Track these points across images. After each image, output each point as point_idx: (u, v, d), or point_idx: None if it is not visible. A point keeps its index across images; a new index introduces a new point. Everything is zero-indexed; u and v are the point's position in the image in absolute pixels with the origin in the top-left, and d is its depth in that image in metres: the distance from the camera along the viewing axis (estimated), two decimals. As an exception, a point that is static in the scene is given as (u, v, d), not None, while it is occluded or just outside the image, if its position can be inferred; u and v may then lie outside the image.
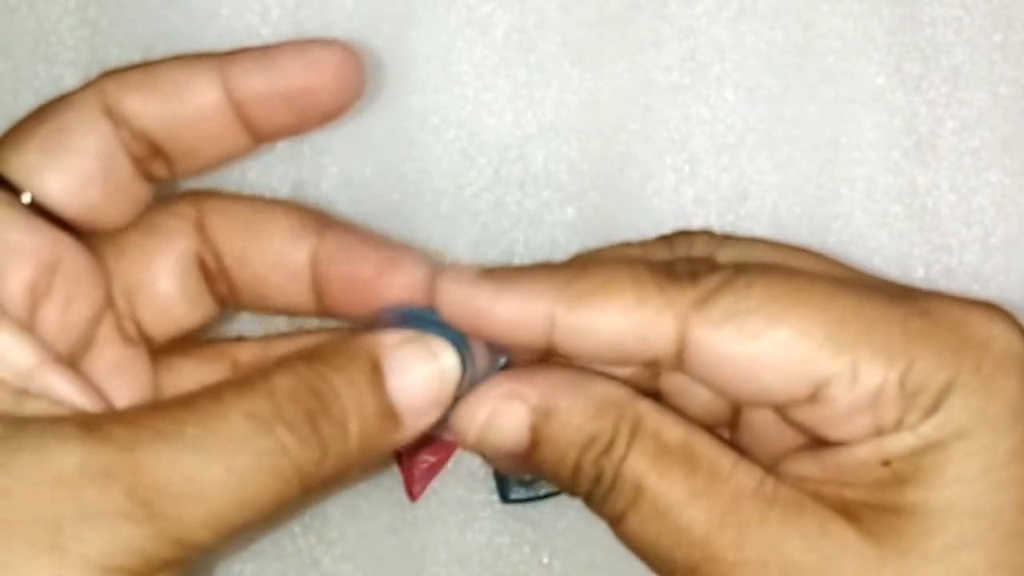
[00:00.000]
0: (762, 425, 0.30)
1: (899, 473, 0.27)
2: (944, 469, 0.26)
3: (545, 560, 0.37)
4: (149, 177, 0.31)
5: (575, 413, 0.28)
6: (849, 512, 0.27)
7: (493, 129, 0.38)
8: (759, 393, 0.27)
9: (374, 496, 0.37)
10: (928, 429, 0.26)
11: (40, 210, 0.29)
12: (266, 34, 0.38)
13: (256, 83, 0.30)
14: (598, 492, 0.28)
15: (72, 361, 0.30)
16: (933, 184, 0.38)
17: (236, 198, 0.32)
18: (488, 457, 0.31)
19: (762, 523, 0.27)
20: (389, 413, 0.28)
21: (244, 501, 0.26)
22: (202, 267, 0.32)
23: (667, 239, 0.32)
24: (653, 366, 0.29)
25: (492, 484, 0.37)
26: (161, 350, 0.32)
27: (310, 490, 0.27)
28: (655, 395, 0.31)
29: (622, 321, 0.27)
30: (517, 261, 0.37)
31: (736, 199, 0.37)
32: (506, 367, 0.30)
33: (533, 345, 0.28)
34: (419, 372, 0.28)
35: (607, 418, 0.28)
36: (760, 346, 0.27)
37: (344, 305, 0.31)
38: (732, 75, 0.38)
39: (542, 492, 0.36)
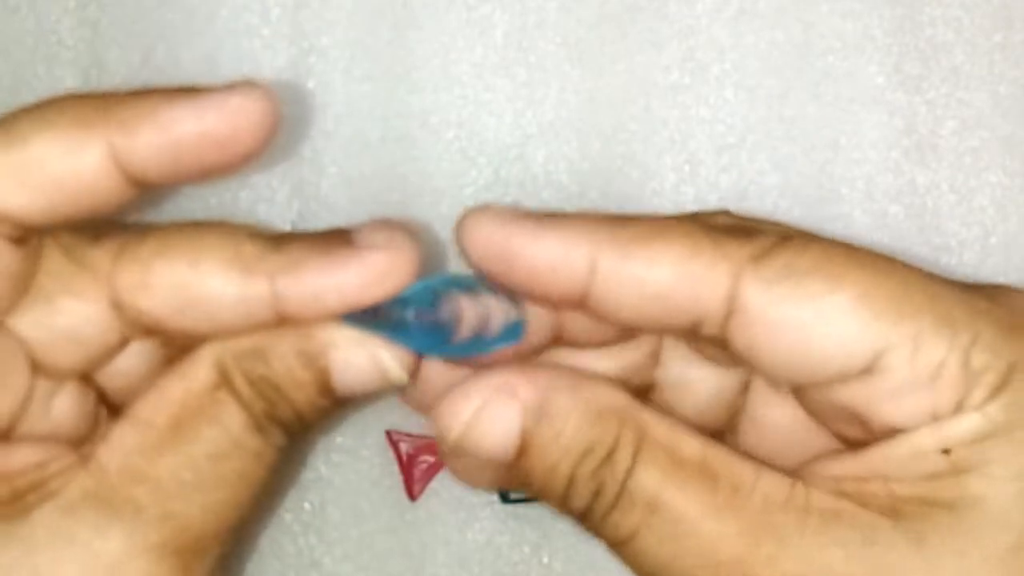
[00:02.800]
0: (768, 426, 0.28)
1: (960, 463, 0.24)
2: (1013, 458, 0.24)
3: (545, 560, 0.37)
4: None
5: (573, 417, 0.26)
6: (898, 511, 0.25)
7: (493, 129, 0.38)
8: (812, 362, 0.25)
9: (374, 496, 0.37)
10: (996, 410, 0.24)
11: None
12: (266, 34, 0.38)
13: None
14: (598, 509, 0.26)
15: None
16: (933, 184, 0.38)
17: (156, 268, 0.28)
18: (463, 471, 0.28)
19: (798, 535, 0.25)
20: (339, 402, 0.28)
21: (255, 498, 0.28)
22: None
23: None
24: (691, 333, 0.26)
25: (492, 484, 0.37)
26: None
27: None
28: (648, 388, 0.29)
29: (672, 273, 0.25)
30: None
31: (736, 199, 0.37)
32: (518, 336, 0.28)
33: (567, 295, 0.26)
34: (364, 380, 0.27)
35: (608, 425, 0.26)
36: (819, 308, 0.24)
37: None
38: (732, 75, 0.38)
39: (542, 492, 0.36)
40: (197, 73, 0.37)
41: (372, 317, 0.27)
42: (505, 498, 0.36)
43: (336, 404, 0.28)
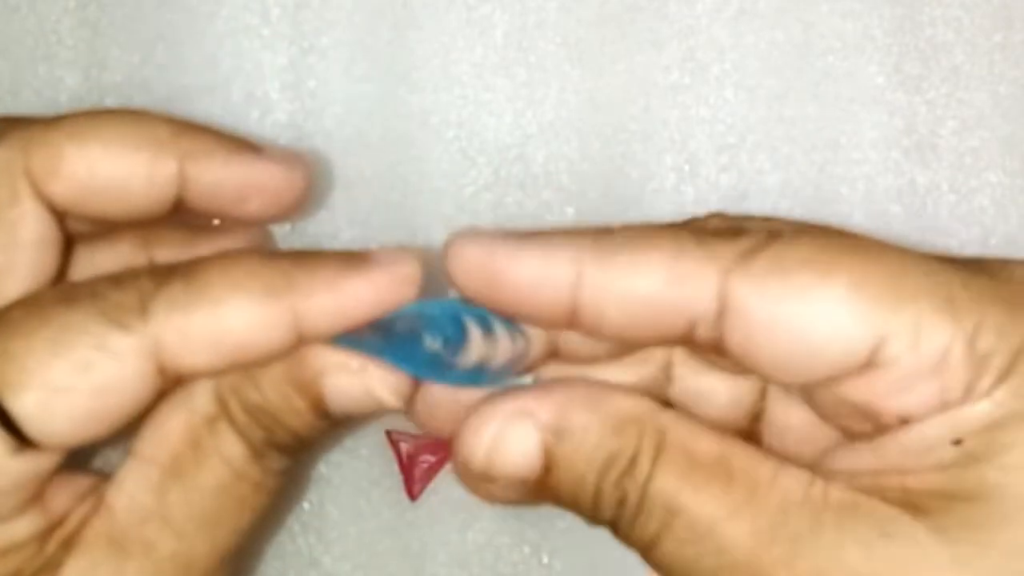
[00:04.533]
0: (787, 428, 0.28)
1: (973, 452, 0.23)
2: None
3: (545, 560, 0.37)
4: None
5: (592, 430, 0.25)
6: (915, 505, 0.24)
7: (493, 129, 0.38)
8: (810, 358, 0.24)
9: (374, 496, 0.37)
10: (1005, 395, 0.23)
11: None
12: (266, 34, 0.38)
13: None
14: (624, 517, 0.25)
15: None
16: (933, 184, 0.38)
17: (71, 155, 0.28)
18: (491, 495, 0.28)
19: (814, 533, 0.24)
20: (337, 422, 0.28)
21: (257, 522, 0.29)
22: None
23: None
24: (687, 340, 0.26)
25: (492, 484, 0.37)
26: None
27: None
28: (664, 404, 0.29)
29: (659, 276, 0.24)
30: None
31: (736, 199, 0.37)
32: (526, 366, 0.28)
33: (554, 314, 0.26)
34: (359, 405, 0.28)
35: (628, 434, 0.25)
36: (811, 300, 0.24)
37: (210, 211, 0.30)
38: (732, 75, 0.38)
39: (542, 492, 0.36)
40: (197, 73, 0.37)
41: (373, 335, 0.27)
42: (505, 498, 0.36)
43: (335, 423, 0.28)
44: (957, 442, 0.24)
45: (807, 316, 0.24)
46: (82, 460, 0.33)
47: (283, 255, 0.28)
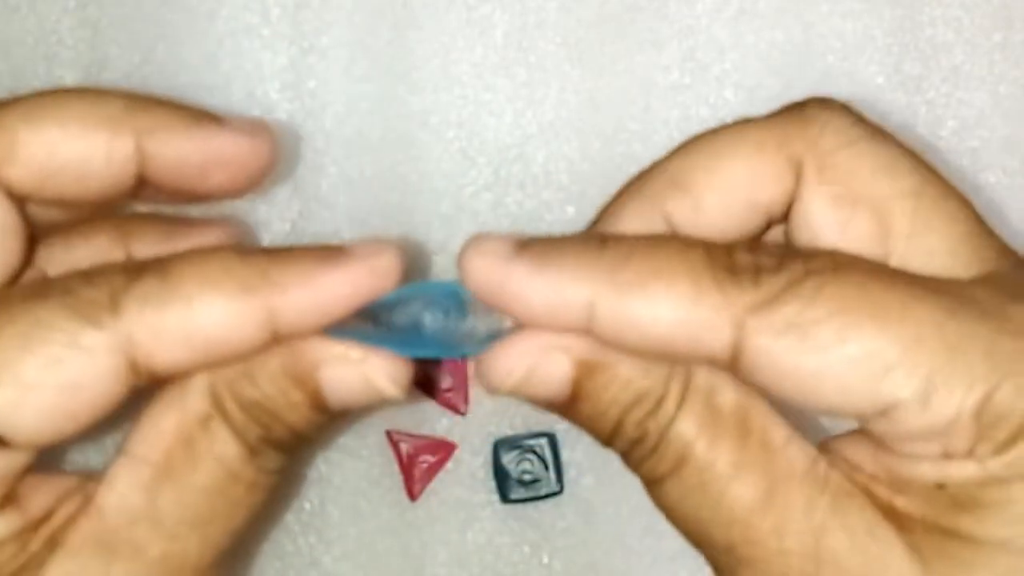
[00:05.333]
0: None
1: (955, 498, 0.24)
2: (1006, 507, 0.24)
3: (545, 560, 0.37)
4: None
5: (623, 367, 0.26)
6: (899, 520, 0.25)
7: (493, 129, 0.38)
8: (821, 407, 0.25)
9: (374, 496, 0.37)
10: (996, 465, 0.24)
11: None
12: (266, 34, 0.38)
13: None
14: (637, 453, 0.26)
15: None
16: (933, 184, 0.38)
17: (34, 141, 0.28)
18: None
19: (808, 510, 0.25)
20: (336, 415, 0.28)
21: (252, 522, 0.28)
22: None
23: (801, 112, 0.28)
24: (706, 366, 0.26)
25: (492, 484, 0.37)
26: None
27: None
28: None
29: (672, 319, 0.24)
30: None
31: (736, 199, 0.37)
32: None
33: (570, 331, 0.25)
34: (358, 396, 0.27)
35: (656, 375, 0.26)
36: (826, 361, 0.24)
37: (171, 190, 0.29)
38: (732, 75, 0.38)
39: (542, 492, 0.36)
40: (197, 73, 0.37)
41: (375, 326, 0.27)
42: (505, 498, 0.36)
43: (333, 417, 0.28)
44: (940, 486, 0.25)
45: (820, 374, 0.24)
46: (60, 458, 0.33)
47: (259, 250, 0.27)
